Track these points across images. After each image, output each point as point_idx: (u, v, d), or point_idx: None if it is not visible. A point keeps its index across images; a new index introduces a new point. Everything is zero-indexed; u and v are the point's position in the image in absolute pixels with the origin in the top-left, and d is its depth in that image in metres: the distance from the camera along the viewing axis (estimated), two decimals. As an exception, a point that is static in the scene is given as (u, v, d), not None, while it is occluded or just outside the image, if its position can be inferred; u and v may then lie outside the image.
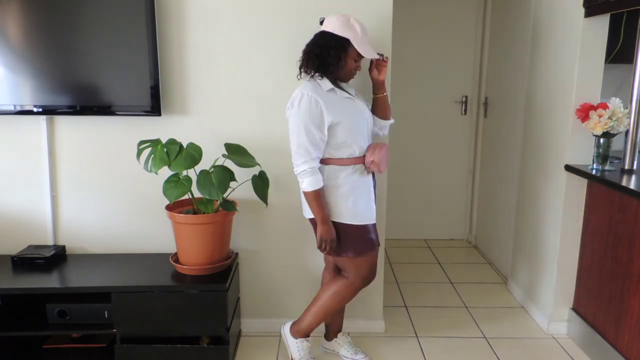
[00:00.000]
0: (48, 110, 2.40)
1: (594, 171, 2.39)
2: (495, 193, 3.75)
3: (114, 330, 2.28)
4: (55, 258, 2.49)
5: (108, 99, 2.40)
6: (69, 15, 2.32)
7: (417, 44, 3.98)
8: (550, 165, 2.71)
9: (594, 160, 2.45)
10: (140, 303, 2.26)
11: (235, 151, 2.33)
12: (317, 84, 2.06)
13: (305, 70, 2.10)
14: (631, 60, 2.30)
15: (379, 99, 2.25)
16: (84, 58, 2.37)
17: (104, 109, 2.41)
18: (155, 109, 2.38)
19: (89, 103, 2.40)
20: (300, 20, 2.38)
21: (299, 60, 2.11)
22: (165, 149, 2.22)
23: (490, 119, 3.88)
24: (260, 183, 2.35)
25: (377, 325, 2.73)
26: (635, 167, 2.38)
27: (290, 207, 2.51)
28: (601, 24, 2.41)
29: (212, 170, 2.24)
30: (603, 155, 2.41)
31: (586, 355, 2.51)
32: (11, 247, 2.57)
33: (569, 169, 2.52)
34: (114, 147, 2.52)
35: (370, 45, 2.08)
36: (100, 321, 2.30)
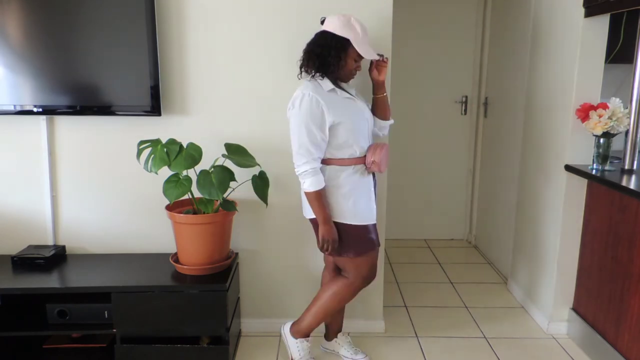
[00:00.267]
0: (48, 110, 2.40)
1: (594, 171, 2.39)
2: (495, 193, 3.75)
3: (114, 330, 2.28)
4: (55, 258, 2.49)
5: (108, 99, 2.40)
6: (69, 15, 2.32)
7: (417, 44, 3.98)
8: (550, 165, 2.71)
9: (594, 160, 2.46)
10: (140, 303, 2.26)
11: (235, 151, 2.33)
12: (318, 84, 2.06)
13: (305, 70, 2.10)
14: (631, 60, 2.30)
15: (379, 100, 2.25)
16: (84, 58, 2.37)
17: (104, 109, 2.41)
18: (155, 109, 2.38)
19: (89, 103, 2.41)
20: (300, 20, 2.38)
21: (300, 59, 2.12)
22: (165, 149, 2.22)
23: (490, 119, 3.88)
24: (260, 183, 2.36)
25: (377, 325, 2.73)
26: (635, 167, 2.38)
27: (290, 207, 2.51)
28: (601, 24, 2.41)
29: (212, 170, 2.24)
30: (603, 155, 2.41)
31: (586, 355, 2.51)
32: (11, 247, 2.57)
33: (569, 169, 2.52)
34: (114, 147, 2.52)
35: (370, 45, 2.08)
36: (100, 321, 2.30)
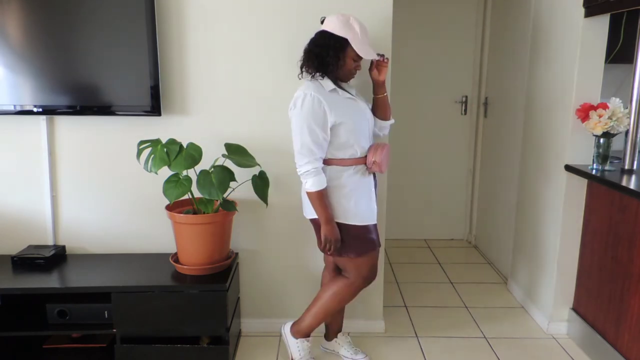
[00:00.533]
0: (48, 110, 2.40)
1: (594, 171, 2.39)
2: (495, 193, 3.75)
3: (114, 330, 2.28)
4: (55, 258, 2.49)
5: (108, 99, 2.40)
6: (69, 15, 2.32)
7: (417, 44, 3.98)
8: (550, 165, 2.71)
9: (594, 160, 2.46)
10: (140, 303, 2.26)
11: (235, 151, 2.33)
12: (319, 84, 2.06)
13: (305, 70, 2.09)
14: (631, 60, 2.30)
15: (379, 100, 2.25)
16: (84, 58, 2.37)
17: (104, 109, 2.41)
18: (155, 109, 2.38)
19: (89, 103, 2.40)
20: (300, 20, 2.38)
21: (300, 59, 2.11)
22: (165, 149, 2.22)
23: (490, 119, 3.88)
24: (260, 183, 2.35)
25: (377, 325, 2.73)
26: (635, 167, 2.38)
27: (290, 207, 2.51)
28: (601, 24, 2.41)
29: (212, 170, 2.24)
30: (603, 155, 2.41)
31: (586, 355, 2.51)
32: (11, 247, 2.57)
33: (569, 169, 2.52)
34: (114, 147, 2.52)
35: (369, 45, 2.08)
36: (100, 321, 2.30)
